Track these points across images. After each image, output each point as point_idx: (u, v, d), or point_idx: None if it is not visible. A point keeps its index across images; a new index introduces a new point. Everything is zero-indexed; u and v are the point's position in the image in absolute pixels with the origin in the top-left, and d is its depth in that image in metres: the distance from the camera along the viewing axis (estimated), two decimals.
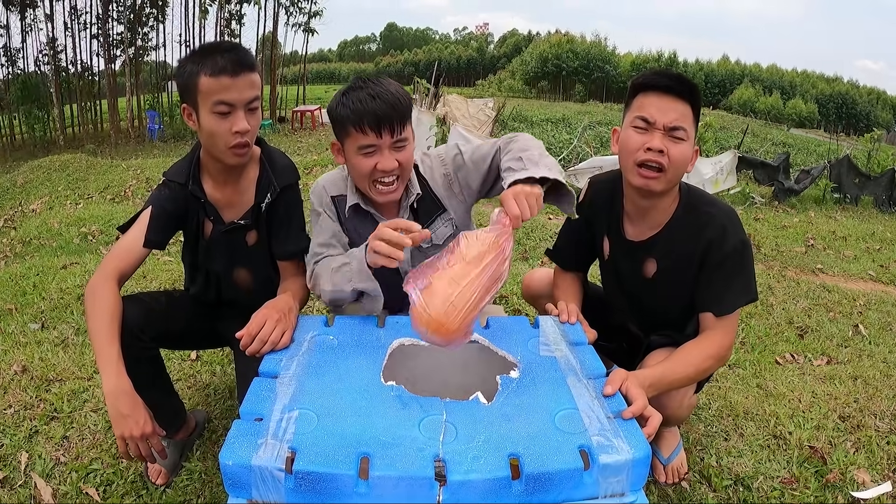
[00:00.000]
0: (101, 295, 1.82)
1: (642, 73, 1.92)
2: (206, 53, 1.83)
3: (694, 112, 1.85)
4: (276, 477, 1.21)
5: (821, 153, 19.51)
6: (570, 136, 13.66)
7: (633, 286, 2.15)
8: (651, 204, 1.99)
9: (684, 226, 1.98)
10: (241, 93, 1.84)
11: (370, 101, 1.85)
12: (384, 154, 1.89)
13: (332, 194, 2.14)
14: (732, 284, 1.92)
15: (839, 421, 2.74)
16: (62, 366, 3.05)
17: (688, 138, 1.84)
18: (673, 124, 1.81)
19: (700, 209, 1.96)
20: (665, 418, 2.11)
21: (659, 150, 1.81)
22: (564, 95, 57.18)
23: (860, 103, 58.54)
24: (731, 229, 1.91)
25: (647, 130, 1.85)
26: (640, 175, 1.87)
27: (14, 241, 6.63)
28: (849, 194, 10.22)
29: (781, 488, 2.29)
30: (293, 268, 2.14)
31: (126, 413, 1.65)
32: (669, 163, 1.82)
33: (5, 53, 23.94)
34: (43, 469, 2.31)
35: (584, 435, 1.33)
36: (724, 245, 1.90)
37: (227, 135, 1.87)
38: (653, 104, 1.84)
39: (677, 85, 1.82)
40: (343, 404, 1.42)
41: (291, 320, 1.74)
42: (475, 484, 1.20)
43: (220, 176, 2.07)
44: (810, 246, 6.82)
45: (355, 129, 1.87)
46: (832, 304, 4.69)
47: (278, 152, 2.19)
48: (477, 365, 1.76)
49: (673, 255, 2.01)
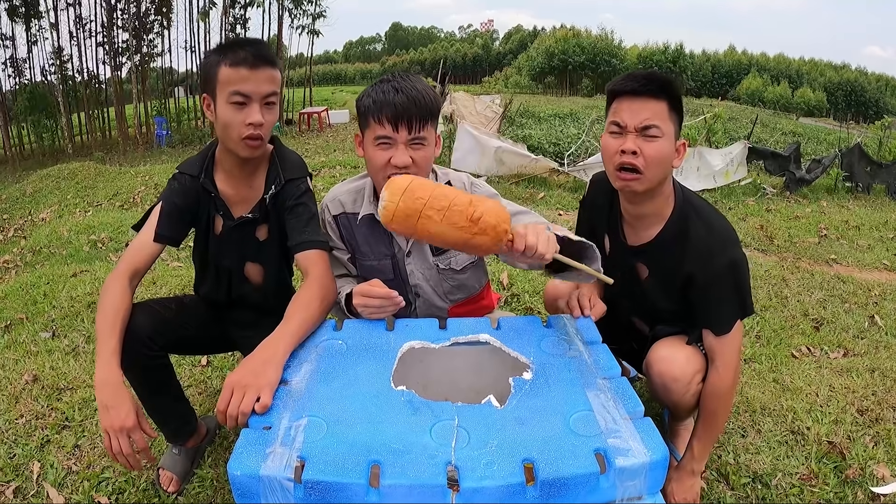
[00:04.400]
0: (110, 291, 1.84)
1: (614, 79, 1.93)
2: (230, 46, 1.87)
3: (671, 106, 1.85)
4: (285, 487, 1.19)
5: (831, 142, 19.35)
6: (579, 131, 13.60)
7: (629, 286, 2.14)
8: (641, 207, 2.01)
9: (672, 240, 1.99)
10: (258, 86, 1.85)
11: (392, 94, 1.88)
12: (399, 149, 1.90)
13: (335, 213, 2.17)
14: (723, 305, 1.93)
15: (857, 415, 2.70)
16: (73, 374, 3.05)
17: (663, 135, 1.84)
18: (644, 124, 1.82)
19: (689, 226, 1.96)
20: (672, 405, 2.10)
21: (632, 151, 1.83)
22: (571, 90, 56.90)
23: (869, 91, 58.02)
24: (719, 250, 1.90)
25: (620, 134, 1.87)
26: (620, 178, 1.89)
27: (24, 250, 6.65)
28: (860, 183, 10.12)
29: (800, 485, 2.26)
30: (310, 263, 1.97)
31: (110, 404, 1.63)
32: (646, 163, 1.83)
33: (12, 64, 24.12)
34: (55, 478, 2.31)
35: (599, 438, 1.30)
36: (709, 268, 1.91)
37: (240, 126, 1.88)
38: (624, 108, 1.86)
39: (646, 85, 1.83)
40: (353, 411, 1.40)
41: (266, 377, 1.51)
42: (489, 490, 1.18)
43: (233, 171, 2.07)
44: (823, 236, 6.76)
45: (374, 119, 1.90)
46: (847, 294, 4.64)
47: (290, 151, 2.19)
48: (489, 367, 1.74)
49: (664, 264, 2.04)
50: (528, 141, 11.97)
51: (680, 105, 1.89)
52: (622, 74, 1.94)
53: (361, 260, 2.19)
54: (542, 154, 10.72)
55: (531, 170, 9.58)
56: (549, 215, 6.81)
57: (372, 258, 2.17)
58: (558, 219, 6.76)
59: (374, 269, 2.17)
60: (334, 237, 2.18)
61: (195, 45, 26.14)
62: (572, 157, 10.35)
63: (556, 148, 11.85)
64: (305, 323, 1.73)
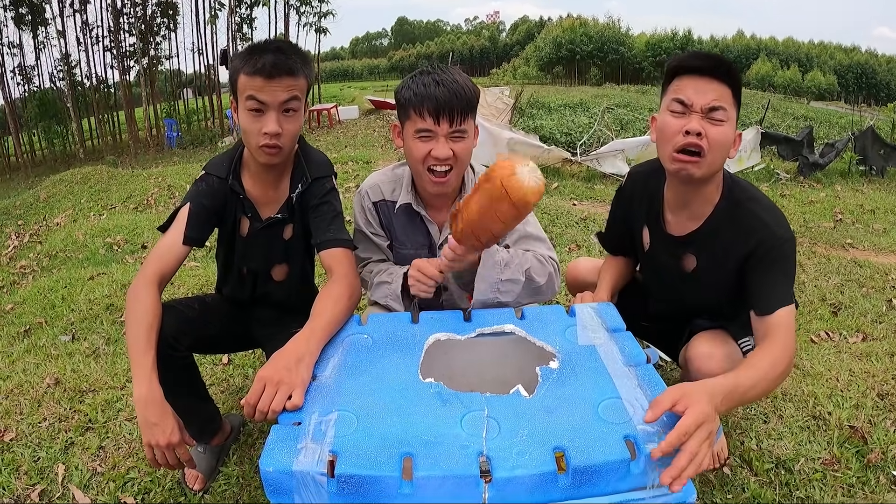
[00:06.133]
0: (141, 300, 1.80)
1: (677, 56, 1.83)
2: (253, 52, 1.84)
3: (734, 93, 1.76)
4: (318, 482, 1.19)
5: (843, 125, 19.25)
6: (590, 121, 13.55)
7: (672, 280, 2.07)
8: (693, 192, 1.90)
9: (728, 220, 1.87)
10: (274, 95, 1.82)
11: (433, 87, 1.87)
12: (439, 141, 1.90)
13: (374, 200, 2.17)
14: (777, 283, 1.78)
15: (878, 399, 2.68)
16: (95, 376, 3.07)
17: (728, 120, 1.74)
18: (711, 104, 1.72)
19: (744, 204, 1.85)
20: None
21: (697, 132, 1.72)
22: (580, 79, 56.83)
23: (880, 73, 57.60)
24: (777, 223, 1.80)
25: (684, 114, 1.76)
26: (679, 160, 1.78)
27: (41, 255, 6.69)
28: (874, 166, 10.04)
29: (823, 470, 2.25)
30: (335, 262, 1.97)
31: (154, 422, 1.64)
32: (709, 146, 1.73)
33: (21, 72, 24.26)
34: (80, 480, 2.32)
35: (628, 424, 1.30)
36: (768, 241, 1.79)
37: (256, 134, 1.86)
38: (689, 86, 1.76)
39: (715, 65, 1.74)
40: (382, 404, 1.40)
41: (300, 374, 1.50)
42: (521, 480, 1.18)
43: (259, 173, 2.06)
44: (838, 221, 6.71)
45: (415, 112, 1.90)
46: (864, 279, 4.62)
47: (316, 150, 2.18)
48: (515, 357, 1.73)
49: (715, 250, 1.92)
50: (539, 131, 11.95)
51: (740, 94, 1.80)
52: (687, 52, 1.85)
53: (399, 248, 2.21)
54: (554, 144, 10.69)
55: (544, 160, 9.54)
56: (562, 205, 6.78)
57: (409, 247, 2.19)
58: (572, 209, 6.73)
59: (410, 256, 2.16)
60: (374, 224, 2.19)
61: (202, 46, 26.23)
62: (584, 146, 10.31)
63: (568, 138, 11.81)
64: (335, 318, 1.73)
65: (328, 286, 1.86)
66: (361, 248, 2.20)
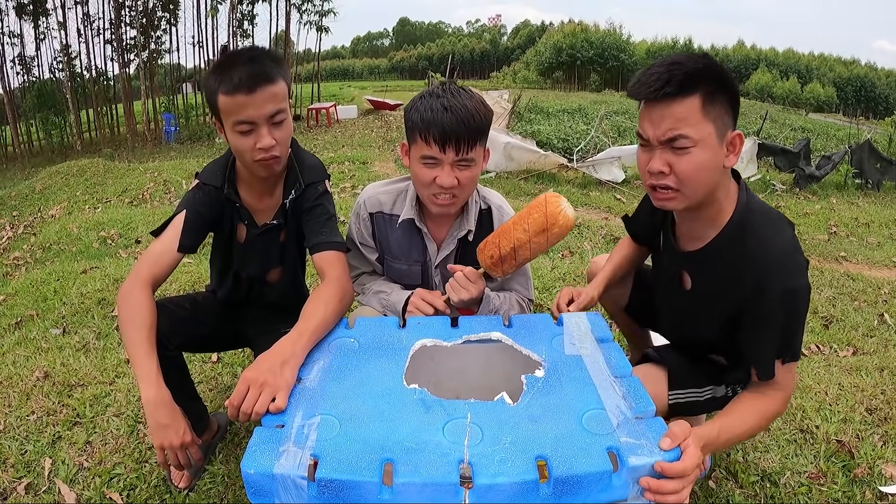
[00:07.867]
0: (137, 302, 1.79)
1: (634, 76, 1.58)
2: (225, 67, 1.78)
3: (704, 101, 1.49)
4: (298, 485, 1.19)
5: (840, 138, 19.25)
6: (588, 127, 13.57)
7: (674, 295, 1.93)
8: (691, 217, 1.74)
9: (723, 254, 1.67)
10: (260, 109, 1.79)
11: (441, 113, 1.81)
12: (444, 169, 1.87)
13: (371, 211, 2.16)
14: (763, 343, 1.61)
15: (866, 413, 2.69)
16: (84, 371, 3.07)
17: (696, 142, 1.50)
18: (667, 136, 1.52)
19: (744, 240, 1.62)
20: None
21: (659, 171, 1.56)
22: (580, 85, 56.80)
23: (879, 86, 57.67)
24: (774, 273, 1.55)
25: (647, 147, 1.60)
26: (655, 198, 1.65)
27: (34, 246, 6.67)
28: (870, 179, 10.09)
29: (809, 484, 2.25)
30: (327, 265, 1.95)
31: (166, 423, 1.65)
32: (679, 181, 1.55)
33: (20, 62, 24.21)
34: (66, 475, 2.32)
35: (612, 436, 1.30)
36: (758, 296, 1.58)
37: (251, 151, 1.84)
38: (645, 115, 1.57)
39: (663, 85, 1.49)
40: (365, 409, 1.40)
41: (284, 377, 1.49)
42: (502, 487, 1.18)
43: (254, 182, 2.05)
44: (833, 233, 6.74)
45: (421, 137, 1.86)
46: (857, 292, 4.63)
47: (308, 154, 2.18)
48: (501, 365, 1.73)
49: (705, 281, 1.77)
50: (536, 136, 11.98)
51: (724, 88, 1.52)
52: (641, 71, 1.58)
53: (391, 261, 2.20)
54: (550, 150, 10.71)
55: (540, 165, 9.57)
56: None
57: (403, 262, 2.18)
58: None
59: (402, 272, 2.18)
60: (366, 234, 2.18)
61: (203, 40, 26.20)
62: (581, 152, 10.33)
63: (565, 144, 11.82)
64: (324, 322, 1.72)
65: (319, 289, 1.86)
66: (353, 255, 2.21)
